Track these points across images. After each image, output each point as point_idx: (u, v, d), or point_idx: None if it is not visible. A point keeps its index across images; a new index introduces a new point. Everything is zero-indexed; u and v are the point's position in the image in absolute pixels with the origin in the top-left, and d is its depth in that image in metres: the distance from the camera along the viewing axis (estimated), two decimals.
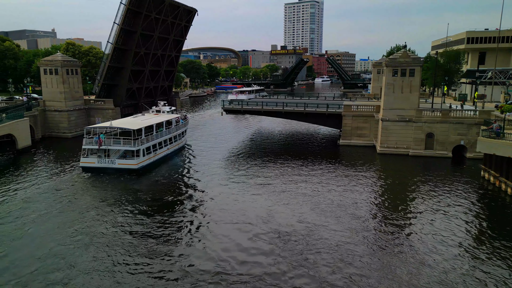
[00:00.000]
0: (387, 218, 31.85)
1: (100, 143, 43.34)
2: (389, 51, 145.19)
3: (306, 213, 32.71)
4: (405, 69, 51.86)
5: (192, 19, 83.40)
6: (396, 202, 35.94)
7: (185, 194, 38.42)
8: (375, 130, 58.09)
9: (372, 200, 36.56)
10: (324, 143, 64.33)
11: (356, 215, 32.38)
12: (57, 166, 47.76)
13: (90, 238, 27.82)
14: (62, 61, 65.96)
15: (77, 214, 32.03)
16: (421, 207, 34.60)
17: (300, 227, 29.88)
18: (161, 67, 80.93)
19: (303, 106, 62.63)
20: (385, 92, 53.33)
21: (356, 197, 36.95)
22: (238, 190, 38.80)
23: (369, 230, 29.62)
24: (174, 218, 31.86)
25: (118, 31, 64.76)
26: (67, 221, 30.66)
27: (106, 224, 30.38)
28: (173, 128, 54.50)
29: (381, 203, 35.85)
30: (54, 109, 66.74)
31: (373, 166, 48.82)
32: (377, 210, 33.87)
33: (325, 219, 31.49)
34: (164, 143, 50.56)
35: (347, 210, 33.41)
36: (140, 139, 44.40)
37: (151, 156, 46.35)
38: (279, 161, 50.60)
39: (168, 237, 28.32)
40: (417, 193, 38.59)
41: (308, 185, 40.52)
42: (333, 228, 29.68)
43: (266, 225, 30.24)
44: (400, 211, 33.42)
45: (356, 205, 34.76)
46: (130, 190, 38.98)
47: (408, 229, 29.85)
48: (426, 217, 32.02)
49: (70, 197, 36.22)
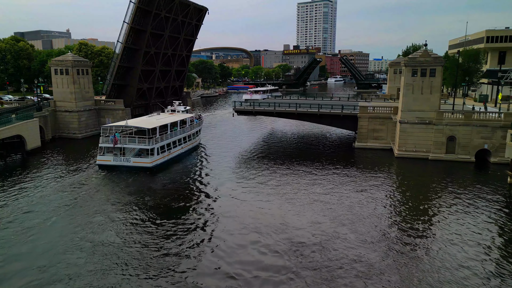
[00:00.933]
0: (406, 229, 29.86)
1: (116, 141, 44.07)
2: (405, 50, 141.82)
3: (322, 222, 30.84)
4: (425, 69, 49.42)
5: (203, 18, 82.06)
6: (416, 210, 33.84)
7: (195, 198, 37.17)
8: (393, 132, 55.75)
9: (390, 208, 34.56)
10: (339, 145, 62.20)
11: (374, 225, 30.49)
12: (64, 168, 46.78)
13: (93, 246, 26.49)
14: (72, 61, 65.29)
15: (82, 219, 30.84)
16: (443, 216, 32.44)
17: (315, 238, 28.09)
18: (171, 67, 79.77)
19: (317, 107, 60.58)
20: (403, 93, 50.97)
21: (373, 204, 34.98)
22: (250, 196, 37.19)
23: (388, 242, 27.66)
24: (182, 226, 30.42)
25: (128, 30, 63.72)
26: (71, 228, 29.46)
27: (113, 231, 29.13)
28: (188, 128, 54.92)
29: (399, 211, 33.80)
30: (64, 109, 66.13)
31: (390, 171, 46.79)
32: (395, 220, 31.85)
33: (341, 229, 29.65)
34: (178, 142, 50.93)
35: (364, 220, 31.48)
36: (155, 138, 44.97)
37: (165, 155, 46.90)
38: (292, 165, 48.86)
39: (176, 247, 26.81)
40: (438, 200, 36.41)
41: (322, 190, 38.74)
42: (350, 240, 27.82)
43: (279, 236, 28.51)
44: (421, 221, 31.36)
45: (373, 213, 32.80)
46: (141, 192, 38.06)
47: (431, 242, 27.80)
48: (450, 229, 29.87)
49: (76, 201, 35.07)
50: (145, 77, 74.22)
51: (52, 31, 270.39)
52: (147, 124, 46.89)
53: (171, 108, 62.19)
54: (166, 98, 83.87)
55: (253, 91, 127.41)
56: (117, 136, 44.62)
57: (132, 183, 40.76)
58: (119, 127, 47.67)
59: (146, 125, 46.25)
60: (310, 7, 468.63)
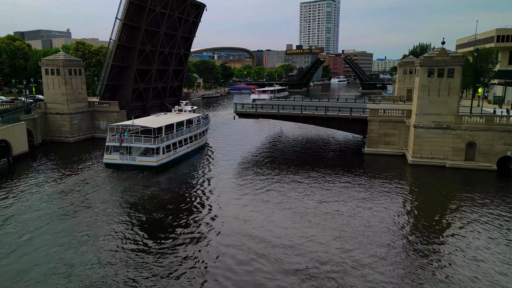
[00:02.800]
0: (422, 244, 27.11)
1: (122, 140, 44.85)
2: (412, 50, 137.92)
3: (329, 242, 27.48)
4: (442, 68, 45.45)
5: (201, 14, 77.89)
6: (433, 224, 30.79)
7: (195, 205, 35.08)
8: (405, 137, 51.82)
9: (404, 222, 31.40)
10: (347, 150, 58.30)
11: (386, 241, 27.53)
12: (49, 177, 43.01)
13: (71, 267, 22.75)
14: (64, 60, 61.53)
15: (65, 239, 27.08)
16: (463, 231, 29.37)
17: (322, 258, 25.08)
18: (169, 66, 75.80)
19: (324, 109, 56.66)
20: (418, 95, 47.01)
21: (385, 217, 31.96)
22: (252, 207, 34.41)
23: (402, 261, 24.77)
24: (180, 241, 27.71)
25: (120, 27, 59.73)
26: (53, 248, 25.71)
27: (108, 241, 27.10)
28: (194, 127, 55.46)
29: (414, 225, 30.70)
30: (55, 111, 62.48)
31: (403, 179, 43.31)
32: (410, 235, 28.84)
33: (351, 246, 26.71)
34: (184, 142, 51.51)
35: (375, 236, 28.46)
36: (160, 137, 45.71)
37: (171, 154, 47.55)
38: (297, 171, 45.58)
39: (171, 268, 23.94)
40: (457, 213, 33.15)
41: (330, 200, 35.82)
42: (361, 259, 24.85)
43: (284, 255, 25.28)
44: (438, 236, 28.43)
45: (385, 228, 29.80)
46: (142, 195, 37.17)
47: (448, 260, 24.85)
48: (470, 245, 26.88)
49: (57, 215, 31.33)
50: (141, 77, 70.39)
51: (52, 30, 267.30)
52: (153, 124, 47.65)
53: (178, 108, 62.93)
54: (164, 99, 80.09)
55: (261, 91, 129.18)
56: (125, 136, 45.53)
57: (133, 184, 40.11)
58: (126, 126, 48.38)
59: (152, 125, 46.99)
60: (313, 7, 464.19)
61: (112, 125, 48.96)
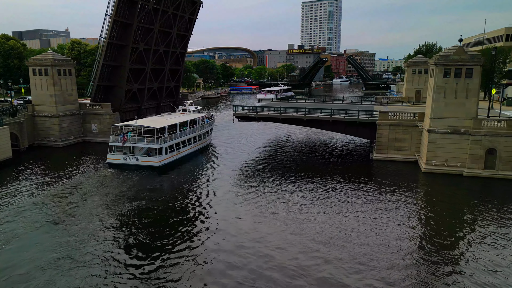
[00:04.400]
0: (437, 264, 24.15)
1: (124, 140, 44.89)
2: (418, 49, 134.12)
3: (335, 261, 24.38)
4: (460, 68, 41.62)
5: (197, 11, 73.84)
6: (449, 239, 28.03)
7: (195, 211, 33.63)
8: (418, 142, 48.02)
9: (417, 238, 28.52)
10: (354, 156, 54.46)
11: (397, 261, 24.69)
12: (30, 186, 39.31)
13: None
14: (52, 60, 57.78)
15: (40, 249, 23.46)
16: (485, 247, 26.28)
17: (327, 282, 22.06)
18: (165, 65, 71.97)
19: (329, 112, 52.86)
20: (433, 97, 43.17)
21: (396, 232, 29.23)
22: (252, 217, 31.98)
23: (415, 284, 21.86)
24: (179, 242, 27.13)
25: (111, 24, 55.87)
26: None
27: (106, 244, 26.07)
28: (198, 127, 55.25)
29: (429, 241, 27.79)
30: (43, 114, 58.77)
31: (417, 189, 39.82)
32: (424, 253, 25.85)
33: (360, 268, 23.66)
34: (187, 142, 51.33)
35: (386, 257, 25.25)
36: (163, 137, 45.57)
37: (174, 154, 47.48)
38: (301, 178, 42.82)
39: (169, 270, 23.40)
40: (476, 227, 30.07)
41: (336, 212, 33.01)
42: (374, 284, 21.89)
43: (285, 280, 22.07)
44: (454, 254, 25.61)
45: (396, 246, 26.75)
46: (141, 196, 36.70)
47: (467, 282, 22.09)
48: (492, 263, 23.95)
49: (32, 230, 27.68)
50: (135, 77, 66.63)
51: (51, 30, 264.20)
52: (156, 124, 47.58)
53: (182, 108, 63.00)
54: (161, 100, 76.37)
55: (266, 91, 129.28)
56: (128, 136, 45.55)
57: (131, 186, 39.51)
58: (129, 126, 48.26)
59: (155, 125, 46.86)
60: (314, 6, 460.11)
61: (115, 125, 48.98)
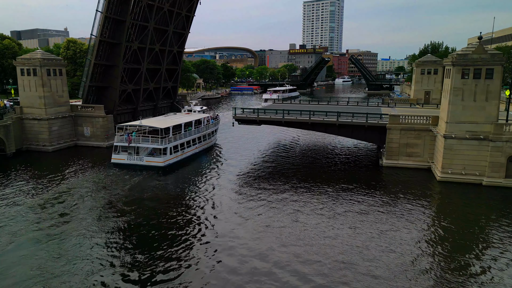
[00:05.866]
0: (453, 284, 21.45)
1: (130, 140, 45.13)
2: (423, 49, 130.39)
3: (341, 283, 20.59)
4: (479, 68, 38.18)
5: (195, 8, 70.20)
6: (468, 257, 25.07)
7: (196, 217, 32.45)
8: (431, 148, 44.62)
9: (434, 255, 25.42)
10: (361, 162, 51.01)
11: (411, 282, 21.75)
12: (16, 196, 36.01)
13: None
14: (41, 59, 54.43)
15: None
16: (507, 269, 23.45)
17: None
18: (161, 64, 68.57)
19: (336, 115, 49.46)
20: (450, 100, 39.71)
21: (411, 249, 26.15)
22: (252, 231, 29.40)
23: None
24: (177, 244, 26.61)
25: (102, 21, 52.50)
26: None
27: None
28: (203, 128, 55.22)
29: (446, 259, 24.78)
30: (32, 117, 55.50)
31: (431, 200, 36.68)
32: (440, 273, 23.07)
33: None
34: (192, 142, 51.51)
35: (397, 277, 22.32)
36: (168, 137, 45.78)
37: (178, 155, 47.77)
38: (306, 185, 40.05)
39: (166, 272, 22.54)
40: (498, 243, 26.94)
41: (342, 225, 30.27)
42: None
43: None
44: (474, 274, 22.86)
45: (410, 265, 23.97)
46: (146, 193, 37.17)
47: None
48: None
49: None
50: (130, 77, 63.22)
51: (49, 29, 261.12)
52: (161, 124, 47.68)
53: (187, 108, 63.30)
54: (158, 102, 73.01)
55: (272, 91, 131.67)
56: (133, 136, 45.73)
57: (133, 187, 39.27)
58: (134, 126, 48.54)
59: (159, 125, 46.98)
60: (316, 6, 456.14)
61: (120, 125, 49.33)
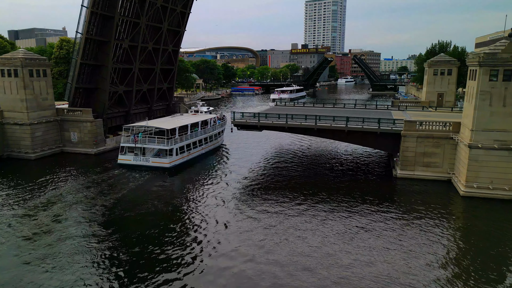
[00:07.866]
0: None
1: (136, 141, 45.40)
2: (430, 48, 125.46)
3: None
4: (510, 69, 33.59)
5: (190, 4, 65.35)
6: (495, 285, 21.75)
7: (197, 224, 31.08)
8: (452, 158, 40.03)
9: (456, 283, 21.67)
10: (372, 171, 46.36)
11: None
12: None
13: None
14: (23, 59, 49.91)
15: None
16: None
17: None
18: (155, 64, 64.04)
19: (344, 120, 44.90)
20: (476, 105, 35.10)
21: (430, 274, 22.89)
22: (256, 245, 27.05)
23: None
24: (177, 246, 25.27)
25: (88, 17, 47.94)
26: None
27: None
28: (209, 128, 55.14)
29: None
30: (13, 121, 51.10)
31: (454, 218, 32.32)
32: None
33: None
34: (198, 143, 51.47)
35: None
36: (174, 138, 45.85)
37: (185, 155, 47.80)
38: (312, 197, 36.02)
39: None
40: None
41: (353, 245, 26.67)
42: None
43: None
44: None
45: None
46: None
47: None
48: None
49: None
50: (121, 78, 58.62)
51: (47, 29, 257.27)
52: (167, 125, 47.58)
53: (194, 108, 63.23)
54: (152, 104, 68.53)
55: (280, 91, 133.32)
56: (139, 136, 45.83)
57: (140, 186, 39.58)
58: (141, 127, 48.39)
59: (165, 126, 46.87)
60: (318, 5, 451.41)
61: (127, 125, 49.61)
